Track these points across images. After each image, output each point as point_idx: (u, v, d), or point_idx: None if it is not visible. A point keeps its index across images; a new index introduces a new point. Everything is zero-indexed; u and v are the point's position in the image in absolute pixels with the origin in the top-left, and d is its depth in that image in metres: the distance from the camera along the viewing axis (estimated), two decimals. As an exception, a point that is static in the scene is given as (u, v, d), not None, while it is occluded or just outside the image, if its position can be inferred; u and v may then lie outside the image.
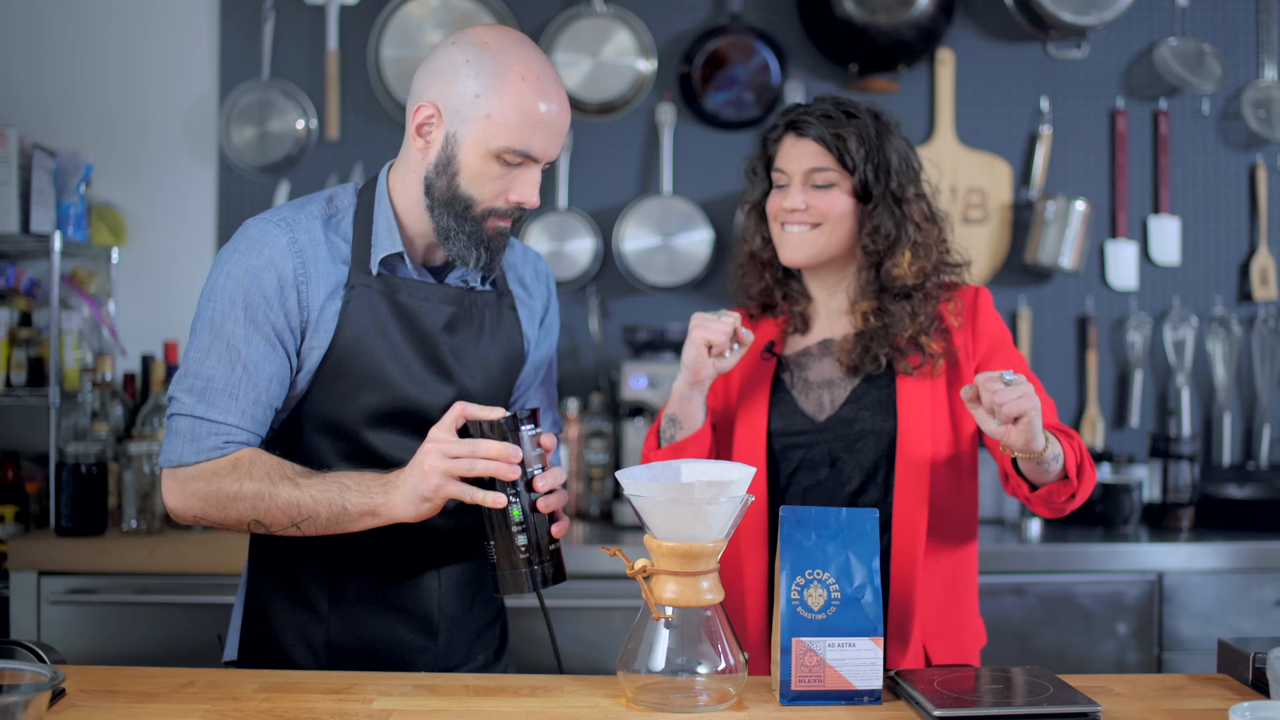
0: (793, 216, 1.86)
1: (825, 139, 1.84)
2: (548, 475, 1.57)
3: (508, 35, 1.67)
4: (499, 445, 1.53)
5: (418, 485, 1.54)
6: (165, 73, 3.29)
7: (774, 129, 1.91)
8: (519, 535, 1.55)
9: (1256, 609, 2.81)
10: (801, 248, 1.87)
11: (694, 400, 1.83)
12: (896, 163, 1.85)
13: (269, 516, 1.60)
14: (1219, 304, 3.39)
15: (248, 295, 1.64)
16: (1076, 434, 1.76)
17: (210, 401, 1.63)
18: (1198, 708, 1.48)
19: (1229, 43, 3.39)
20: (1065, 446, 1.67)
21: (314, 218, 1.70)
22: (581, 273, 3.30)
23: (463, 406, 1.56)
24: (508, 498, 1.54)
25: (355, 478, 1.59)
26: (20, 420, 3.15)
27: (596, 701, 1.49)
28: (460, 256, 1.69)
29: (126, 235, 3.26)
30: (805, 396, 1.89)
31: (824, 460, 1.86)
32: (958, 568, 1.87)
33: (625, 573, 1.48)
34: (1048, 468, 1.65)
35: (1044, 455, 1.62)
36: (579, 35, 3.29)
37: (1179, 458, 3.07)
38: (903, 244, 1.85)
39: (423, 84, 1.67)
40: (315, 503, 1.58)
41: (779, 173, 1.88)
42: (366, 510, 1.58)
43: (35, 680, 1.29)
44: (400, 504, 1.56)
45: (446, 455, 1.52)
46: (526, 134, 1.63)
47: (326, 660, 1.74)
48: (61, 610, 2.67)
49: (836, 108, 1.87)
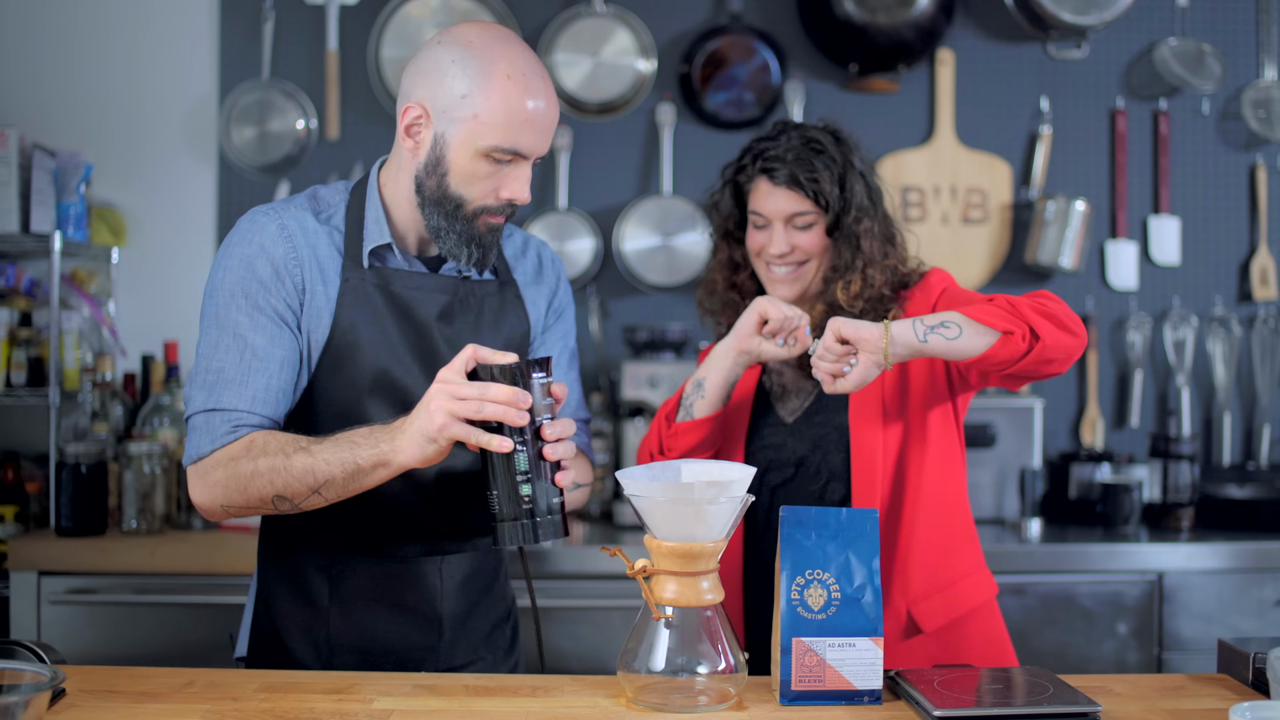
0: (780, 260, 1.92)
1: (801, 182, 1.89)
2: (557, 425, 1.54)
3: (493, 33, 1.67)
4: (508, 389, 1.49)
5: (423, 425, 1.51)
6: (165, 73, 3.29)
7: (743, 169, 1.95)
8: (523, 484, 1.52)
9: (1256, 609, 2.81)
10: (793, 285, 1.93)
11: (724, 368, 1.86)
12: (859, 196, 1.91)
13: (289, 488, 1.59)
14: (1219, 304, 3.39)
15: (246, 284, 1.65)
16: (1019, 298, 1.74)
17: (221, 392, 1.64)
18: (1198, 708, 1.48)
19: (1229, 43, 3.39)
20: (970, 312, 1.67)
21: (301, 208, 1.72)
22: (581, 273, 3.30)
23: (474, 349, 1.53)
24: (514, 443, 1.51)
25: (364, 432, 1.58)
26: (20, 420, 3.15)
27: (596, 701, 1.49)
28: (452, 253, 1.70)
29: (126, 235, 3.26)
30: (781, 402, 1.96)
31: (790, 460, 1.91)
32: (942, 528, 1.87)
33: (625, 573, 1.48)
34: (951, 341, 1.66)
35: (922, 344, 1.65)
36: (579, 35, 3.29)
37: (1179, 458, 3.07)
38: (853, 272, 1.91)
39: (410, 84, 1.67)
40: (329, 465, 1.57)
41: (757, 215, 1.93)
42: (378, 460, 1.55)
43: (35, 680, 1.29)
44: (407, 447, 1.53)
45: (454, 396, 1.49)
46: (514, 132, 1.63)
47: (331, 659, 1.75)
48: (61, 610, 2.67)
49: (804, 145, 1.91)
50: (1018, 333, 1.65)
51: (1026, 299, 1.72)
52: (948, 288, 1.91)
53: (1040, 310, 1.68)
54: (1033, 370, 1.70)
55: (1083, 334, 1.71)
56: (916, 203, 3.36)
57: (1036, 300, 1.72)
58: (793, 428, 1.93)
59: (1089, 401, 3.36)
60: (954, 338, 1.66)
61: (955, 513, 1.89)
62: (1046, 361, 1.68)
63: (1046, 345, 1.66)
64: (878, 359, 1.68)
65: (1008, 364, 1.68)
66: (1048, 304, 1.71)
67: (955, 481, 1.90)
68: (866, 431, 1.86)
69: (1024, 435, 3.08)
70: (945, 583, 1.86)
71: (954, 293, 1.90)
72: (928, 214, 3.36)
